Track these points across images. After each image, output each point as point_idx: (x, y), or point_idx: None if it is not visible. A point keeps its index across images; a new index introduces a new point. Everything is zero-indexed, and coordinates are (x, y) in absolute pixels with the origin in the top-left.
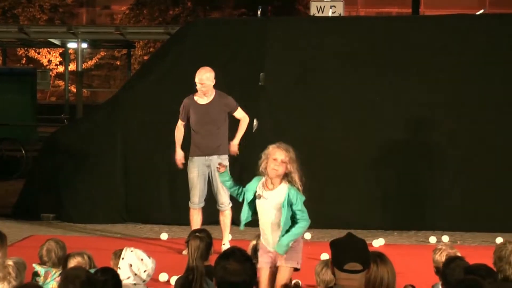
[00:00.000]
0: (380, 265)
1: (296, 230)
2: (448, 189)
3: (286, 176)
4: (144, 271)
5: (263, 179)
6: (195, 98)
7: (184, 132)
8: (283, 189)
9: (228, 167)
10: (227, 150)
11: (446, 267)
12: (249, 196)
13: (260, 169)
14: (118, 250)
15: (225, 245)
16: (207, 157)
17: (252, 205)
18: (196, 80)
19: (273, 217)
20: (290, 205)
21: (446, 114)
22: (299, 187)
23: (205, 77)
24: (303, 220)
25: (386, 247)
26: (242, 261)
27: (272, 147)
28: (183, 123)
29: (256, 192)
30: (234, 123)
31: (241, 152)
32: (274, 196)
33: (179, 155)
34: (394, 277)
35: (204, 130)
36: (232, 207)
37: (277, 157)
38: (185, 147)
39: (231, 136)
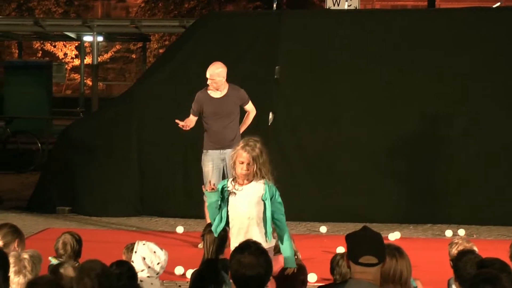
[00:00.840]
0: (399, 259)
1: (286, 234)
2: (464, 182)
3: (257, 174)
4: (158, 264)
5: (231, 178)
6: (209, 91)
7: (194, 126)
8: (259, 183)
9: (219, 190)
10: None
11: (458, 261)
12: (222, 205)
13: (230, 169)
14: (130, 244)
15: None
16: (221, 151)
17: (225, 212)
18: (207, 75)
19: (253, 211)
20: (271, 198)
21: (461, 107)
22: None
23: (215, 73)
24: (282, 215)
25: (402, 241)
26: (257, 254)
27: (238, 149)
28: (195, 117)
29: (226, 193)
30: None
31: None
32: (250, 189)
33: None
34: (411, 270)
35: (219, 123)
36: None
37: (242, 160)
38: (198, 142)
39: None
